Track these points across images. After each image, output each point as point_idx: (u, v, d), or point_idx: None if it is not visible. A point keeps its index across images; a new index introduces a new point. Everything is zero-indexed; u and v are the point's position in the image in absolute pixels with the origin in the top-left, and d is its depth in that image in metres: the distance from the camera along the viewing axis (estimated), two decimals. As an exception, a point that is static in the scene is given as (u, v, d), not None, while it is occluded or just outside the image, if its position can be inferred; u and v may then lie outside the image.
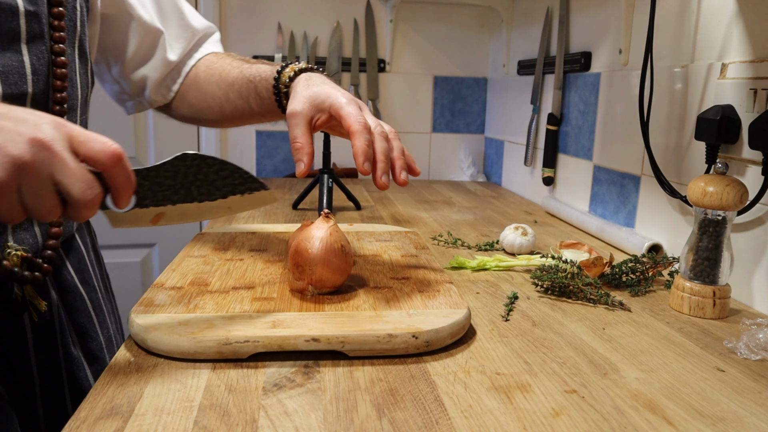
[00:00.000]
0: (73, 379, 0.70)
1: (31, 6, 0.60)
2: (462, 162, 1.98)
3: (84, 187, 0.47)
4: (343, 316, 0.63)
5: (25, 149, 0.44)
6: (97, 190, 0.48)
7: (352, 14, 1.87)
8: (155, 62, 0.86)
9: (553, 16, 1.47)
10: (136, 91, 0.89)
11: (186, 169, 0.57)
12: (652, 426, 0.49)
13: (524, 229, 0.99)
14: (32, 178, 0.45)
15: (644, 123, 0.97)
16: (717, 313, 0.74)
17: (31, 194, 0.46)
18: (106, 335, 0.77)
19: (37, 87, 0.62)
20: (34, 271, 0.63)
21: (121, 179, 0.49)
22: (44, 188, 0.46)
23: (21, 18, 0.59)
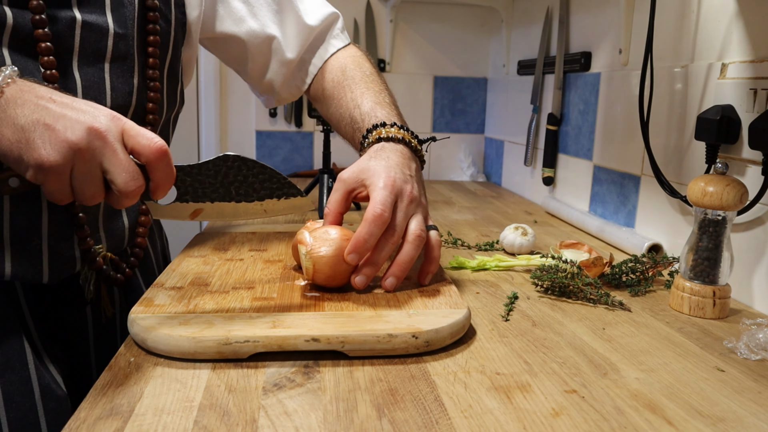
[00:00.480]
0: None
1: (121, 29, 0.65)
2: (462, 162, 1.98)
3: (128, 178, 0.51)
4: (343, 316, 0.63)
5: (82, 136, 0.49)
6: (140, 182, 0.52)
7: (352, 14, 1.87)
8: (274, 66, 0.88)
9: (553, 16, 1.47)
10: (267, 90, 0.93)
11: (226, 170, 0.60)
12: (652, 426, 0.49)
13: (524, 229, 0.99)
14: (84, 163, 0.50)
15: (644, 123, 0.97)
16: (717, 313, 0.74)
17: (80, 178, 0.50)
18: None
19: (114, 103, 0.66)
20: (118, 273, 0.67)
21: (163, 173, 0.54)
22: (93, 173, 0.51)
23: (109, 39, 0.64)
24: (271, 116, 1.88)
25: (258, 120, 1.89)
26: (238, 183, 0.61)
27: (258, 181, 0.62)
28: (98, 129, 0.49)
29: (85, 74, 0.62)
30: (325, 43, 0.90)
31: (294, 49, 0.88)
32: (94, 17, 0.62)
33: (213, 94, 1.84)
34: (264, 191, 0.63)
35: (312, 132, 1.92)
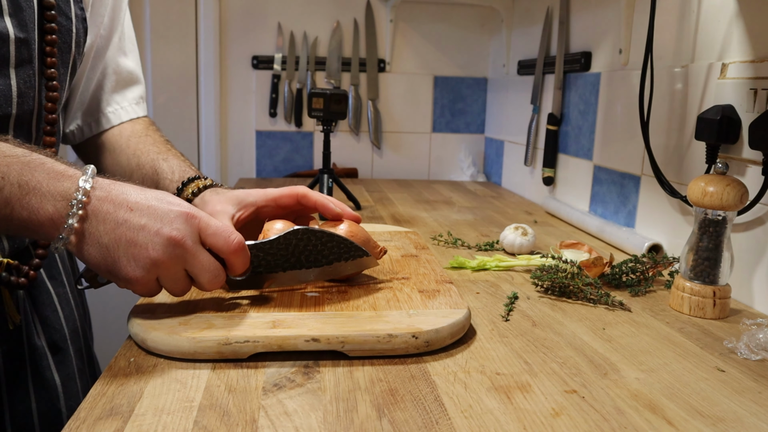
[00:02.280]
0: (35, 367, 0.72)
1: (22, 33, 0.62)
2: (462, 162, 1.98)
3: (211, 277, 0.56)
4: (343, 316, 0.63)
5: (162, 250, 0.53)
6: (222, 277, 0.57)
7: (352, 14, 1.87)
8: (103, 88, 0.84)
9: (553, 16, 1.47)
10: None
11: (297, 242, 0.66)
12: (652, 426, 0.49)
13: (524, 229, 0.99)
14: (168, 271, 0.54)
15: (644, 123, 0.97)
16: (717, 313, 0.74)
17: (167, 281, 0.55)
18: (71, 328, 0.78)
19: (21, 109, 0.64)
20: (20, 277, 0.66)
21: (240, 265, 0.59)
22: (179, 276, 0.55)
23: (11, 45, 0.62)
24: (271, 116, 1.88)
25: (258, 120, 1.89)
26: (308, 252, 0.67)
27: (327, 248, 0.67)
28: (176, 238, 0.53)
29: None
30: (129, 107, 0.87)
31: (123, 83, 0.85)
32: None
33: (213, 94, 1.84)
34: (332, 256, 0.68)
35: (312, 132, 1.92)
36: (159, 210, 0.53)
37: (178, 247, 0.53)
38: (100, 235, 0.52)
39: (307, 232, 0.65)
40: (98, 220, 0.51)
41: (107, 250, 0.52)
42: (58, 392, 0.74)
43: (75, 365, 0.78)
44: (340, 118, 1.27)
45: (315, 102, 1.27)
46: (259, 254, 0.64)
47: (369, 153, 1.95)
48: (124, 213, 0.52)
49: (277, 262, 0.65)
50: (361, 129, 1.93)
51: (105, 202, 0.52)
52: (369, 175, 1.96)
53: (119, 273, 0.53)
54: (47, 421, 0.73)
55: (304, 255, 0.66)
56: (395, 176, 1.97)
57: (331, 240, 0.67)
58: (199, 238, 0.55)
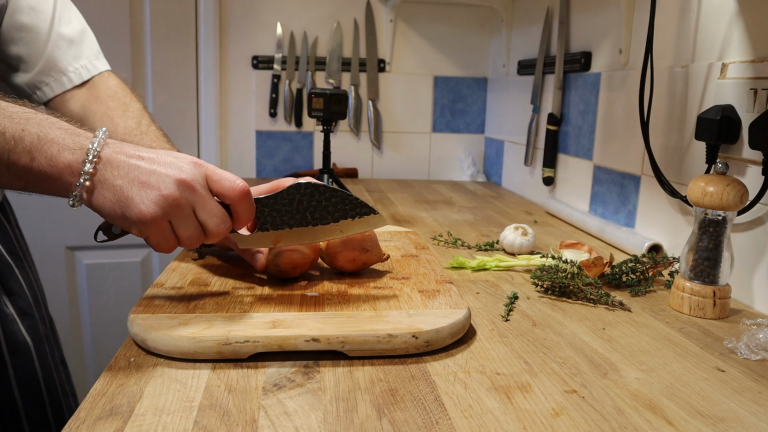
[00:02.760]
0: (8, 332, 0.79)
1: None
2: (462, 162, 1.98)
3: (218, 221, 0.58)
4: (343, 316, 0.63)
5: (173, 188, 0.55)
6: (228, 223, 0.59)
7: (352, 14, 1.87)
8: None
9: (553, 16, 1.47)
10: None
11: (300, 197, 0.65)
12: (652, 426, 0.49)
13: (524, 229, 0.99)
14: (179, 211, 0.56)
15: (644, 123, 0.97)
16: (717, 313, 0.74)
17: (180, 225, 0.56)
18: (33, 296, 0.86)
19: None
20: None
21: (245, 212, 0.60)
22: (189, 219, 0.57)
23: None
24: (271, 116, 1.88)
25: (258, 120, 1.89)
26: (313, 208, 0.66)
27: (331, 204, 0.67)
28: (186, 180, 0.55)
29: None
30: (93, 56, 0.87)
31: None
32: None
33: (213, 94, 1.84)
34: (338, 213, 0.67)
35: (312, 132, 1.92)
36: (168, 160, 0.56)
37: (187, 189, 0.55)
38: (114, 179, 0.54)
39: (309, 186, 0.65)
40: (113, 166, 0.54)
41: (121, 191, 0.54)
42: (32, 353, 0.80)
43: (41, 330, 0.84)
44: (340, 118, 1.27)
45: (315, 102, 1.27)
46: (264, 209, 0.64)
47: (369, 153, 1.95)
48: (136, 161, 0.55)
49: (283, 219, 0.65)
50: (361, 129, 1.93)
51: (118, 153, 0.55)
52: (369, 175, 1.96)
53: (133, 212, 0.54)
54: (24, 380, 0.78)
55: (309, 211, 0.66)
56: (395, 176, 1.97)
57: (334, 195, 0.66)
58: (206, 185, 0.57)
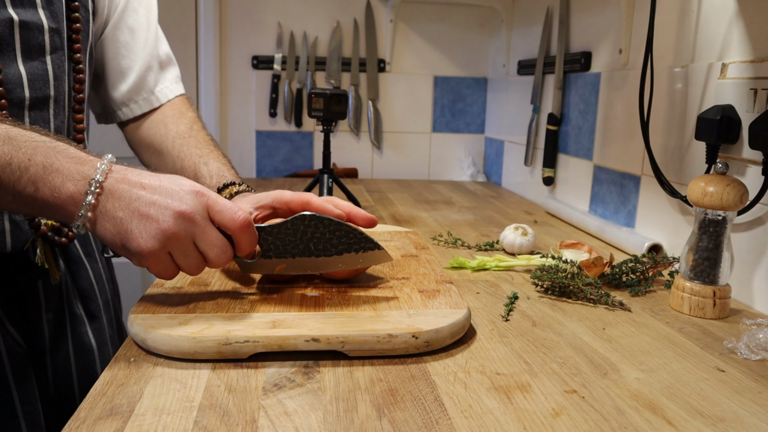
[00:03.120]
0: (75, 333, 0.81)
1: (54, 23, 0.71)
2: (462, 162, 1.98)
3: (219, 252, 0.58)
4: (343, 316, 0.63)
5: (172, 222, 0.55)
6: (229, 253, 0.59)
7: (352, 14, 1.87)
8: None
9: (553, 16, 1.47)
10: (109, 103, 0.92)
11: (304, 228, 0.66)
12: (652, 426, 0.49)
13: (524, 229, 0.99)
14: (179, 244, 0.56)
15: (644, 123, 0.97)
16: (717, 313, 0.74)
17: (179, 256, 0.57)
18: (104, 299, 0.88)
19: (57, 91, 0.72)
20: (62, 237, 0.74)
21: (246, 242, 0.60)
22: (189, 250, 0.57)
23: (46, 34, 0.70)
24: (271, 116, 1.88)
25: (258, 120, 1.89)
26: (317, 240, 0.66)
27: (335, 237, 0.66)
28: (185, 212, 0.56)
29: (29, 68, 0.68)
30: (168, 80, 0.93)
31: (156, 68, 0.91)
32: (29, 15, 0.68)
33: (213, 94, 1.84)
34: (341, 246, 0.67)
35: (312, 132, 1.92)
36: (170, 188, 0.57)
37: (187, 221, 0.56)
38: (115, 210, 0.55)
39: (314, 218, 0.65)
40: (114, 197, 0.55)
41: (121, 223, 0.55)
42: (95, 355, 0.83)
43: (107, 332, 0.86)
44: (340, 118, 1.27)
45: (315, 102, 1.27)
46: (268, 237, 0.65)
47: (369, 153, 1.95)
48: (137, 191, 0.56)
49: (286, 248, 0.66)
50: (361, 129, 1.93)
51: (121, 182, 0.56)
52: (369, 175, 1.96)
53: (132, 245, 0.55)
54: (84, 381, 0.81)
55: (312, 242, 0.66)
56: (395, 176, 1.97)
57: (339, 229, 0.66)
58: (207, 215, 0.58)
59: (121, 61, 0.87)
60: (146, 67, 0.89)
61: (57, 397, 0.78)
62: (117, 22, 0.86)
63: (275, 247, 0.66)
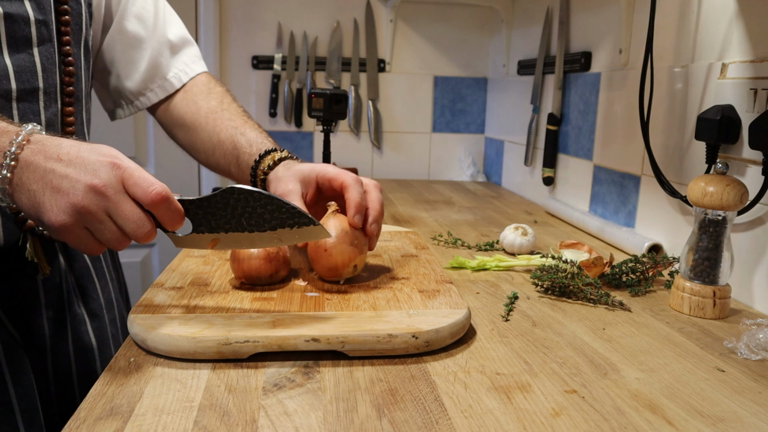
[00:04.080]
0: (76, 332, 0.80)
1: (41, 15, 0.70)
2: (462, 162, 1.98)
3: (135, 226, 0.55)
4: (343, 316, 0.63)
5: (83, 196, 0.53)
6: (146, 227, 0.56)
7: (352, 14, 1.87)
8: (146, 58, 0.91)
9: (553, 16, 1.47)
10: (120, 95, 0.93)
11: (234, 202, 0.62)
12: (652, 426, 0.49)
13: (524, 229, 0.99)
14: (92, 218, 0.54)
15: (644, 123, 0.97)
16: (717, 313, 0.74)
17: (96, 230, 0.55)
18: (107, 298, 0.86)
19: (47, 83, 0.72)
20: None
21: (166, 216, 0.57)
22: (106, 224, 0.55)
23: (32, 26, 0.69)
24: (271, 116, 1.88)
25: (258, 120, 1.88)
26: (248, 214, 0.63)
27: (267, 212, 0.63)
28: (97, 186, 0.54)
29: (15, 60, 0.68)
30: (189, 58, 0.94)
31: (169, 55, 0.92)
32: (15, 8, 0.68)
33: (213, 94, 1.84)
34: (275, 221, 0.64)
35: (312, 132, 1.92)
36: (86, 160, 0.55)
37: (98, 195, 0.54)
38: (29, 183, 0.54)
39: (243, 192, 0.62)
40: (29, 169, 0.54)
41: (35, 195, 0.54)
42: (95, 355, 0.82)
43: (109, 332, 0.85)
44: (340, 118, 1.27)
45: (315, 102, 1.27)
46: (198, 212, 0.62)
47: (369, 153, 1.95)
48: (52, 163, 0.54)
49: (218, 223, 0.63)
50: (361, 129, 1.93)
51: (37, 153, 0.55)
52: (369, 175, 1.96)
53: (45, 218, 0.54)
54: (84, 380, 0.80)
55: (244, 217, 0.63)
56: (395, 176, 1.97)
57: (270, 203, 0.63)
58: (122, 188, 0.55)
59: (131, 52, 0.87)
60: (157, 54, 0.89)
61: (57, 396, 0.78)
62: (123, 13, 0.86)
63: (206, 221, 0.63)
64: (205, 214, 0.62)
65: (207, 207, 0.62)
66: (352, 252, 0.72)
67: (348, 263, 0.72)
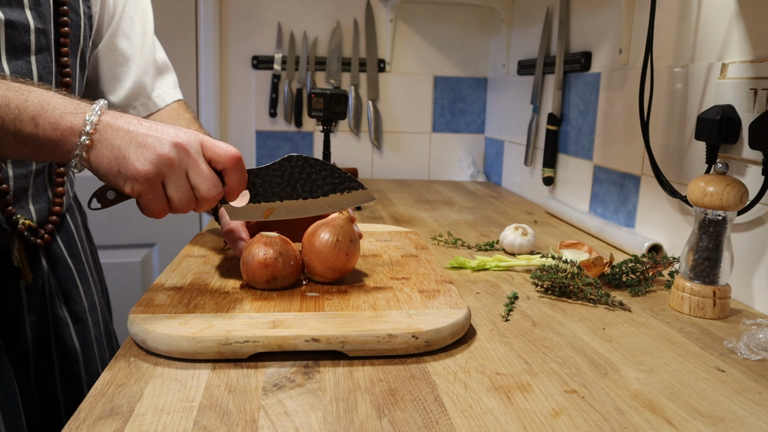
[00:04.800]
0: (58, 335, 0.80)
1: (41, 24, 0.72)
2: (462, 162, 1.98)
3: (210, 185, 0.59)
4: (343, 316, 0.63)
5: (169, 149, 0.57)
6: (219, 188, 0.60)
7: (352, 14, 1.87)
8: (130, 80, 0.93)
9: (553, 16, 1.47)
10: None
11: (291, 169, 0.67)
12: (652, 426, 0.49)
13: (524, 229, 0.99)
14: (173, 172, 0.58)
15: (644, 123, 0.97)
16: (717, 313, 0.74)
17: (172, 186, 0.58)
18: (90, 301, 0.87)
19: None
20: (37, 238, 0.75)
21: (236, 179, 0.62)
22: (182, 181, 0.58)
23: (32, 34, 0.71)
24: (271, 116, 1.88)
25: (258, 120, 1.89)
26: (303, 181, 0.67)
27: (321, 177, 0.68)
28: (181, 143, 0.58)
29: (13, 66, 0.69)
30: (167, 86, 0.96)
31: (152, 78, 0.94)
32: (16, 15, 0.69)
33: (213, 94, 1.84)
34: (327, 187, 0.68)
35: (312, 132, 1.92)
36: (166, 126, 0.59)
37: (182, 151, 0.58)
38: (113, 138, 0.57)
39: (301, 158, 0.67)
40: (111, 129, 0.57)
41: (119, 149, 0.57)
42: (78, 358, 0.82)
43: (93, 335, 0.85)
44: (340, 118, 1.27)
45: (315, 102, 1.27)
46: (257, 180, 0.66)
47: (369, 153, 1.95)
48: (135, 125, 0.58)
49: (274, 191, 0.67)
50: (361, 129, 1.93)
51: (118, 118, 0.58)
52: (369, 175, 1.96)
53: (128, 169, 0.56)
54: (68, 384, 0.80)
55: (299, 184, 0.67)
56: (395, 176, 1.97)
57: (324, 168, 0.68)
58: (201, 150, 0.59)
59: (118, 69, 0.88)
60: (143, 72, 0.90)
61: (40, 400, 0.78)
62: (114, 31, 0.87)
63: (263, 190, 0.66)
64: (263, 182, 0.66)
65: (265, 175, 0.66)
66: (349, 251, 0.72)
67: (345, 264, 0.72)
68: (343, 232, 0.72)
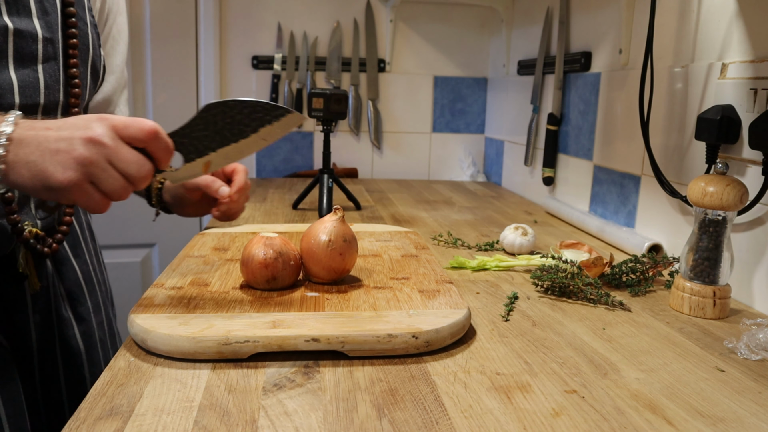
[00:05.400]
0: (63, 336, 0.80)
1: (48, 33, 0.72)
2: (462, 162, 1.98)
3: (137, 167, 0.57)
4: (343, 316, 0.63)
5: (84, 148, 0.55)
6: (147, 166, 0.59)
7: (352, 14, 1.87)
8: None
9: (553, 16, 1.47)
10: None
11: (213, 118, 0.64)
12: (652, 426, 0.49)
13: (524, 229, 0.99)
14: (96, 169, 0.56)
15: (644, 123, 0.97)
16: (717, 313, 0.74)
17: (102, 181, 0.56)
18: (94, 302, 0.87)
19: (48, 99, 0.73)
20: (44, 247, 0.74)
21: (161, 149, 0.60)
22: (109, 173, 0.56)
23: (39, 43, 0.71)
24: (271, 116, 1.88)
25: (258, 120, 1.89)
26: (229, 125, 0.65)
27: (245, 116, 0.65)
28: (93, 137, 0.56)
29: (20, 75, 0.69)
30: None
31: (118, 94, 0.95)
32: (24, 24, 0.69)
33: (213, 94, 1.84)
34: (255, 122, 0.65)
35: (312, 132, 1.92)
36: (74, 123, 0.57)
37: (97, 145, 0.56)
38: (27, 156, 0.55)
39: (219, 104, 0.64)
40: (23, 144, 0.55)
41: (35, 165, 0.55)
42: (83, 359, 0.82)
43: (97, 335, 0.85)
44: (340, 118, 1.27)
45: (315, 102, 1.27)
46: (184, 140, 0.64)
47: (369, 153, 1.95)
48: (44, 132, 0.56)
49: (205, 144, 0.65)
50: (361, 129, 1.93)
51: (28, 130, 0.56)
52: (369, 175, 1.96)
53: (52, 182, 0.55)
54: (72, 384, 0.80)
55: (226, 129, 0.65)
56: (395, 176, 1.97)
57: (246, 106, 0.65)
58: (116, 135, 0.57)
59: None
60: (114, 90, 0.92)
61: (44, 400, 0.78)
62: (103, 44, 0.88)
63: (194, 147, 0.64)
64: (191, 140, 0.64)
65: (189, 132, 0.64)
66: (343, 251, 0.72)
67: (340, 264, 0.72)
68: (336, 232, 0.72)
